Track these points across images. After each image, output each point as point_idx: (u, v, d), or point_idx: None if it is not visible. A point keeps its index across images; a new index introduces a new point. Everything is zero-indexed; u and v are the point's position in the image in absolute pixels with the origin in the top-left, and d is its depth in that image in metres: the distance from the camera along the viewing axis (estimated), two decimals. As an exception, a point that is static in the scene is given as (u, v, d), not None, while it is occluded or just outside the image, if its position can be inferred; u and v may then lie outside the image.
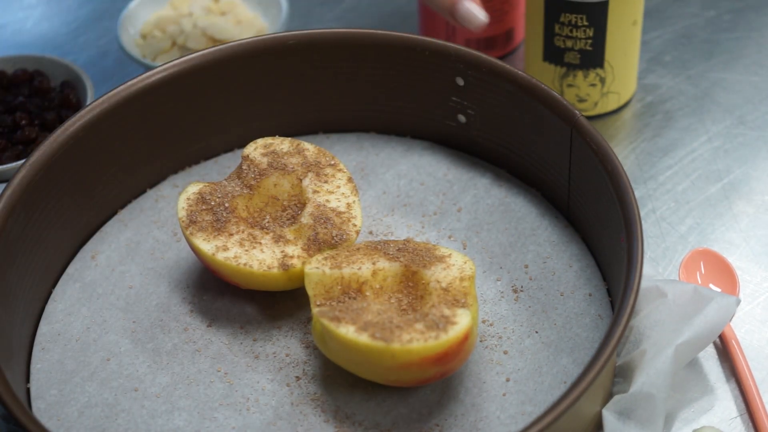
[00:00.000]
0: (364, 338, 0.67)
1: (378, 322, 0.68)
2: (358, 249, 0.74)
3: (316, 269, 0.72)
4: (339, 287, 0.72)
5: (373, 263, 0.73)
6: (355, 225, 0.76)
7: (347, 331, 0.68)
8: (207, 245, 0.74)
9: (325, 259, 0.73)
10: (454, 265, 0.73)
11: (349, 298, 0.72)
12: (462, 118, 0.85)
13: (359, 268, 0.72)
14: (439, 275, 0.72)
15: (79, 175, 0.80)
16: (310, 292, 0.72)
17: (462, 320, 0.68)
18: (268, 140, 0.80)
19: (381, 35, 0.84)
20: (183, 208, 0.76)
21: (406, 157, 0.87)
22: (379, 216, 0.83)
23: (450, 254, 0.74)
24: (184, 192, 0.77)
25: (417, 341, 0.67)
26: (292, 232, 0.75)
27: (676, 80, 0.98)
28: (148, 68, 0.87)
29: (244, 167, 0.79)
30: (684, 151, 0.92)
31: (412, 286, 0.73)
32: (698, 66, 0.99)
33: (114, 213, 0.84)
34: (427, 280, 0.72)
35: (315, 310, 0.71)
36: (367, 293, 0.72)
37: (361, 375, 0.71)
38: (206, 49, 0.84)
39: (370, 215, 0.83)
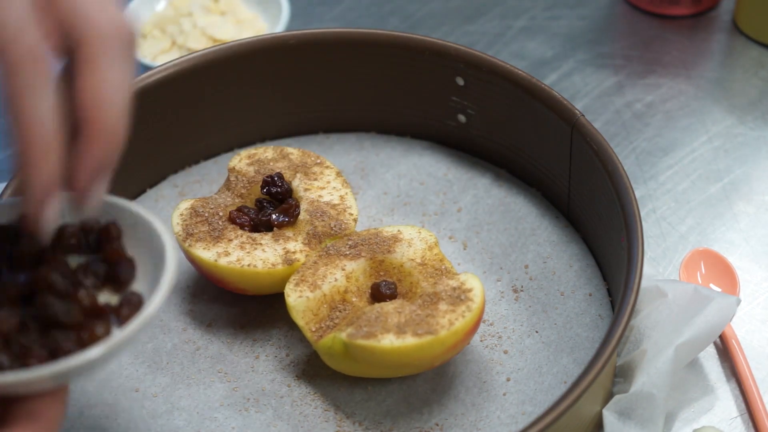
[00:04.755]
0: (409, 340, 0.67)
1: (408, 320, 0.68)
2: (315, 263, 0.73)
3: (299, 298, 0.72)
4: (325, 306, 0.72)
5: (342, 269, 0.73)
6: (351, 214, 0.76)
7: (390, 341, 0.67)
8: (207, 253, 0.74)
9: (297, 285, 0.72)
10: (414, 239, 0.73)
11: (339, 311, 0.72)
12: (462, 118, 0.85)
13: (335, 279, 0.72)
14: (408, 254, 0.72)
15: (79, 175, 0.80)
16: (300, 322, 0.71)
17: (473, 282, 0.70)
18: (251, 150, 0.80)
19: (381, 35, 0.84)
20: (177, 223, 0.76)
21: (406, 157, 0.87)
22: (379, 216, 0.83)
23: (399, 230, 0.74)
24: (176, 209, 0.77)
25: (457, 321, 0.68)
26: (290, 230, 0.75)
27: (676, 80, 0.98)
28: (148, 68, 0.87)
29: (231, 179, 0.79)
30: (684, 151, 0.92)
31: (384, 274, 0.73)
32: (698, 66, 0.99)
33: (114, 213, 0.84)
34: (398, 263, 0.72)
35: (341, 335, 0.68)
36: (353, 299, 0.72)
37: (396, 376, 0.72)
38: (206, 49, 0.84)
39: (370, 215, 0.83)
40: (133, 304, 0.58)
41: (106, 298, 0.60)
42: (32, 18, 0.50)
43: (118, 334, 0.56)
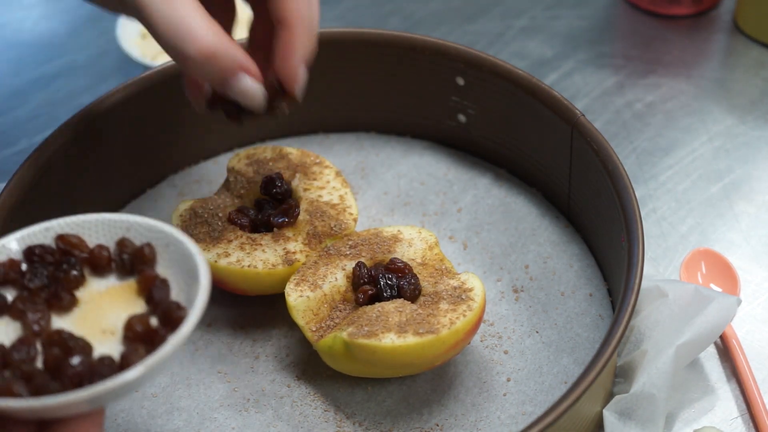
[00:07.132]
0: (410, 339, 0.67)
1: (408, 319, 0.68)
2: (315, 263, 0.73)
3: (299, 298, 0.72)
4: (326, 306, 0.72)
5: (343, 269, 0.73)
6: (351, 214, 0.76)
7: (391, 340, 0.67)
8: (207, 254, 0.73)
9: (298, 285, 0.73)
10: (415, 239, 0.73)
11: (339, 311, 0.72)
12: (462, 117, 0.85)
13: (336, 279, 0.72)
14: (408, 254, 0.72)
15: (78, 176, 0.80)
16: (300, 322, 0.71)
17: (474, 282, 0.70)
18: (250, 150, 0.80)
19: (380, 35, 0.84)
20: (177, 225, 0.76)
21: (406, 157, 0.87)
22: (379, 216, 0.83)
23: (400, 230, 0.74)
24: (175, 210, 0.77)
25: (458, 320, 0.68)
26: (290, 230, 0.75)
27: (676, 80, 0.98)
28: (148, 68, 0.87)
29: (231, 179, 0.79)
30: (685, 151, 0.92)
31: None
32: (699, 66, 0.99)
33: (113, 213, 0.84)
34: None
35: (342, 334, 0.69)
36: (352, 298, 0.72)
37: (396, 375, 0.71)
38: (206, 48, 0.83)
39: (370, 215, 0.83)
40: (169, 325, 0.57)
41: None
42: None
43: (155, 356, 0.55)
